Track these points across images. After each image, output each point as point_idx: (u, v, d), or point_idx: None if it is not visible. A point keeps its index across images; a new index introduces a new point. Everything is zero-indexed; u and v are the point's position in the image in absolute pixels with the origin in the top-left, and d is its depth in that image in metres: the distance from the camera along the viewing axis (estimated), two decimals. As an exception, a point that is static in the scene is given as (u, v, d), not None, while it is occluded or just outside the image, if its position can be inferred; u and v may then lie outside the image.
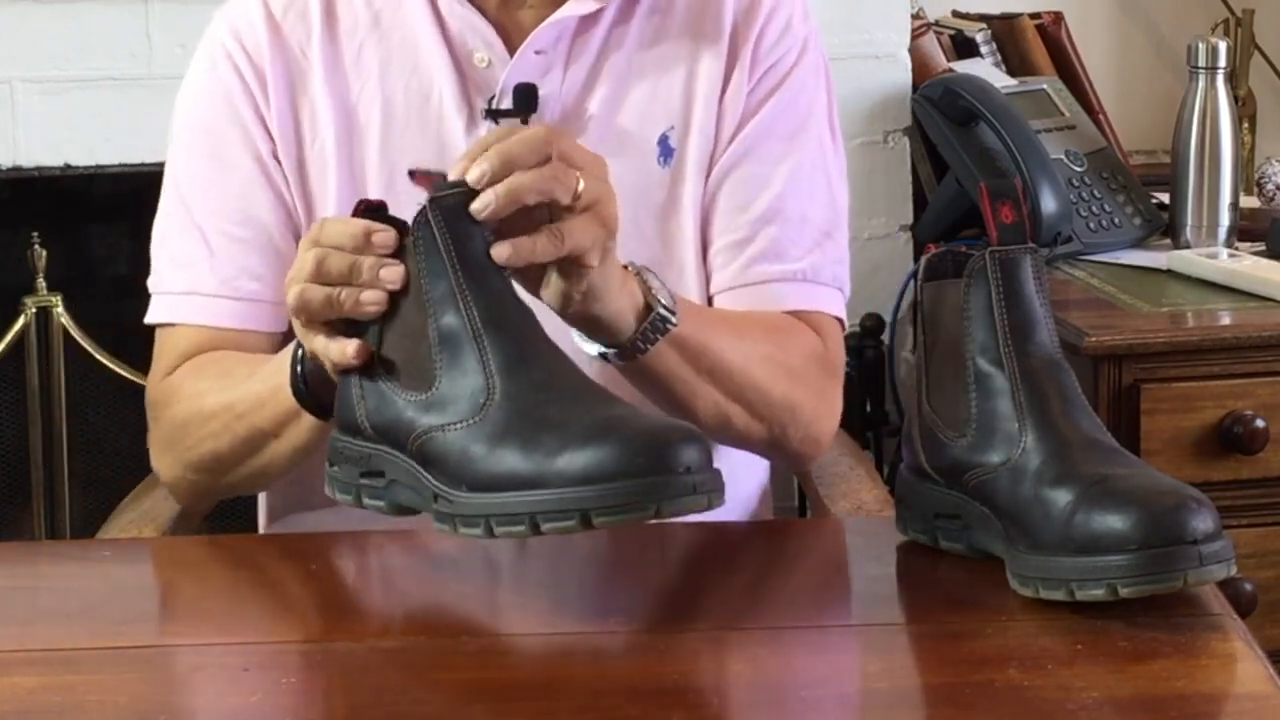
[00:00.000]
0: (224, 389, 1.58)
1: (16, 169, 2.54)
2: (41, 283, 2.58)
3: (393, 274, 1.33)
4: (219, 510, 1.78)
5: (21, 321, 2.59)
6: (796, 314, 1.65)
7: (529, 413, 1.26)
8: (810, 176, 1.68)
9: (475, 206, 1.32)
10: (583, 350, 1.47)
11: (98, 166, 2.54)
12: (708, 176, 1.67)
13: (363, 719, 1.18)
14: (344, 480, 1.36)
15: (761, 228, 1.66)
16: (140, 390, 2.58)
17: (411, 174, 1.37)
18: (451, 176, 1.34)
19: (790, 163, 1.67)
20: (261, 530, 1.79)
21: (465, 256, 1.31)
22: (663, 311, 1.47)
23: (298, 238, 1.65)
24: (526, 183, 1.33)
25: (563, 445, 1.23)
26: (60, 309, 2.58)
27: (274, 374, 1.51)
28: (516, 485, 1.24)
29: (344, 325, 1.36)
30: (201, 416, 1.60)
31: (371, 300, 1.34)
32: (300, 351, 1.46)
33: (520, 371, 1.28)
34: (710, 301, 1.66)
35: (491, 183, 1.33)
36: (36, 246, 2.58)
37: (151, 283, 1.71)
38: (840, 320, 1.69)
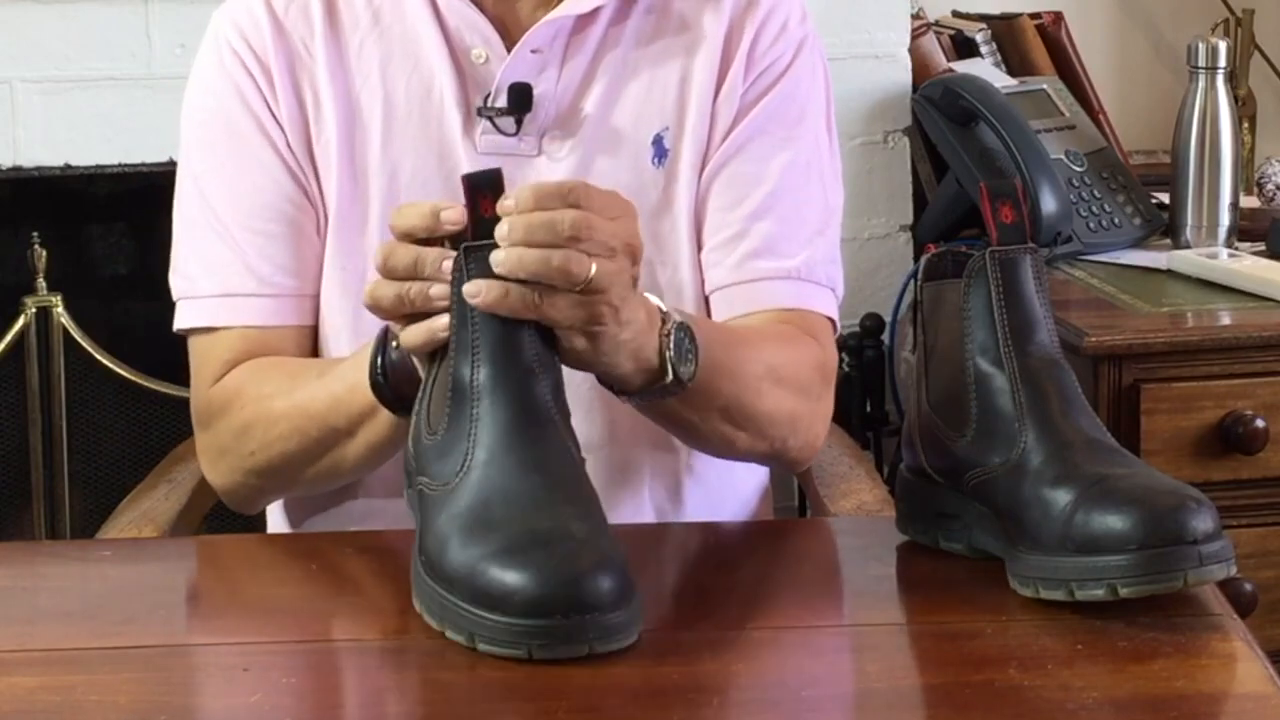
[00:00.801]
0: (293, 389, 1.57)
1: (16, 169, 2.54)
2: (41, 283, 2.58)
3: (453, 215, 1.32)
4: (219, 510, 1.78)
5: (21, 321, 2.59)
6: (790, 312, 1.65)
7: (483, 505, 1.24)
8: (804, 174, 1.68)
9: (492, 259, 1.30)
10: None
11: (98, 166, 2.54)
12: (701, 175, 1.67)
13: (362, 719, 1.18)
14: None
15: (754, 223, 1.65)
16: (141, 390, 2.61)
17: (464, 179, 1.33)
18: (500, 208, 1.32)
19: (783, 160, 1.67)
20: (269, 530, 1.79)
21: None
22: (671, 382, 1.44)
23: (320, 226, 1.66)
24: (529, 264, 1.30)
25: (491, 553, 1.20)
26: (60, 309, 2.59)
27: (352, 370, 1.50)
28: (458, 582, 1.21)
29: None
30: (269, 419, 1.58)
31: (441, 295, 1.32)
32: (383, 344, 1.45)
33: (501, 452, 1.25)
34: (706, 301, 1.66)
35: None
36: (36, 246, 2.58)
37: (180, 288, 1.68)
38: (833, 320, 1.69)
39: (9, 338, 2.59)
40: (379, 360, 1.45)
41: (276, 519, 1.76)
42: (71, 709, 1.17)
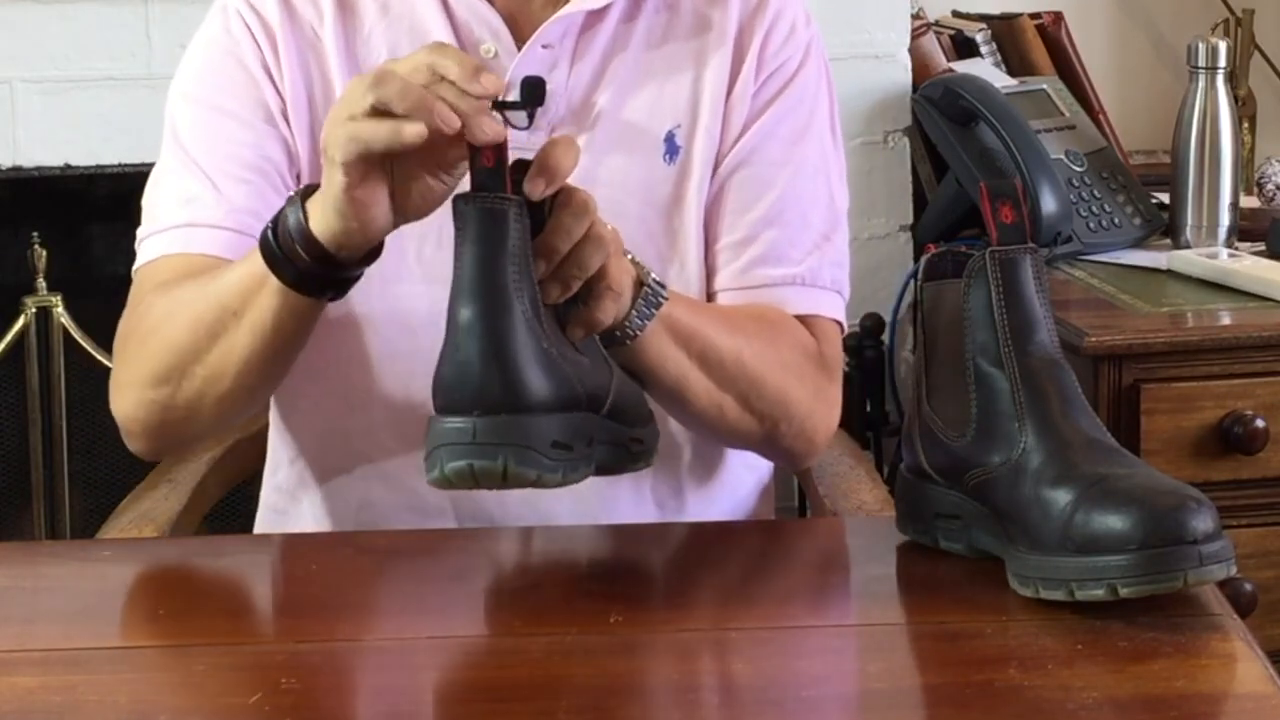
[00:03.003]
0: (205, 283, 1.53)
1: (16, 169, 2.54)
2: (41, 283, 2.58)
3: (493, 82, 1.34)
4: (219, 510, 1.78)
5: (21, 321, 2.59)
6: (796, 319, 1.66)
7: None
8: (812, 180, 1.69)
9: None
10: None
11: (98, 166, 2.55)
12: (714, 175, 1.67)
13: (363, 719, 1.18)
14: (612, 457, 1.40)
15: (762, 230, 1.66)
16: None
17: (496, 105, 1.34)
18: (526, 186, 1.33)
19: (792, 166, 1.68)
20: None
21: (488, 255, 1.30)
22: (654, 285, 1.47)
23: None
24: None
25: None
26: (60, 309, 2.59)
27: (256, 251, 1.47)
28: None
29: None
30: (170, 315, 1.54)
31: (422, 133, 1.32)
32: (284, 208, 1.43)
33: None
34: (711, 299, 1.67)
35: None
36: (36, 246, 2.58)
37: (143, 230, 1.65)
38: (839, 323, 1.69)
39: (9, 338, 2.59)
40: (276, 222, 1.43)
41: (275, 519, 1.76)
42: (71, 709, 1.17)
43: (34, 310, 2.58)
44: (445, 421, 1.26)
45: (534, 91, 1.61)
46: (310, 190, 1.44)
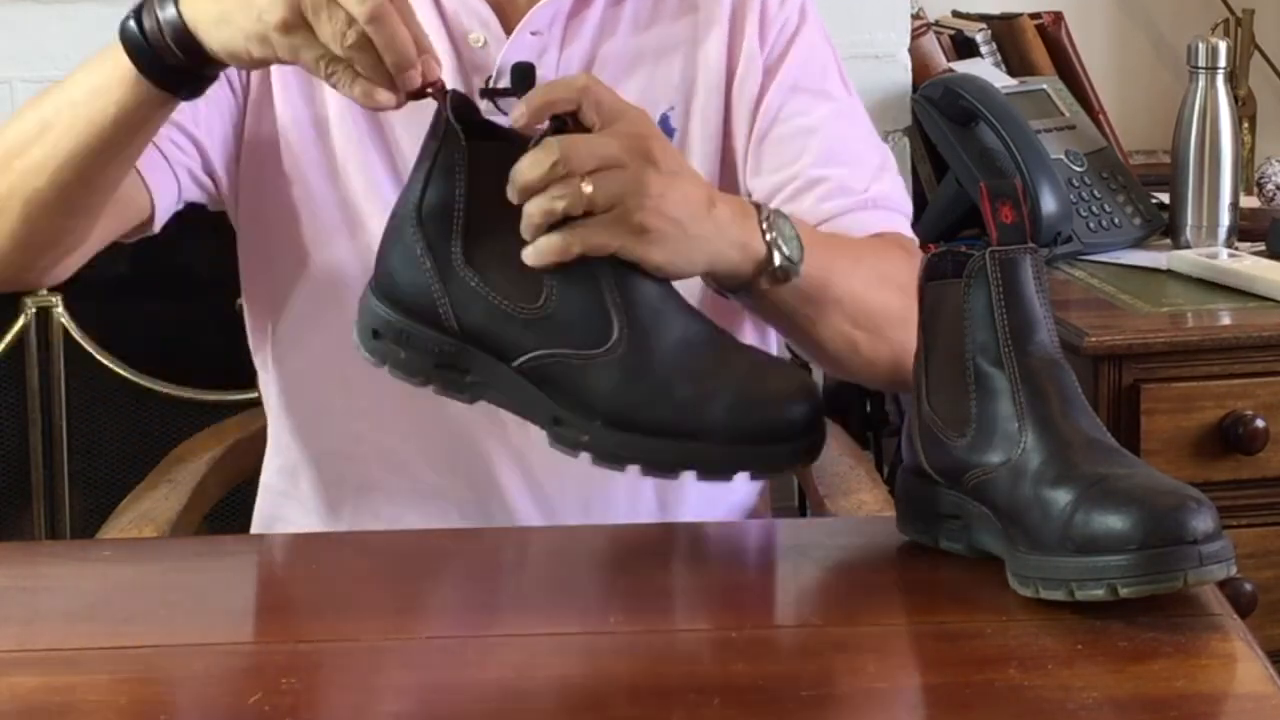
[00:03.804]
0: (52, 87, 1.50)
1: (16, 169, 2.54)
2: (41, 283, 2.58)
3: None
4: (219, 510, 1.78)
5: (21, 321, 2.59)
6: (879, 236, 1.64)
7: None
8: (850, 120, 1.70)
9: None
10: None
11: (98, 166, 2.54)
12: (722, 155, 1.66)
13: (363, 719, 1.18)
14: (415, 365, 1.35)
15: (820, 171, 1.65)
16: (141, 390, 2.61)
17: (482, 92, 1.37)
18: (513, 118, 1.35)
19: (826, 110, 1.68)
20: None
21: (475, 189, 1.32)
22: (782, 263, 1.42)
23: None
24: (531, 211, 1.32)
25: (704, 399, 1.29)
26: (60, 309, 2.59)
27: (106, 50, 1.45)
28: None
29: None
30: (16, 115, 1.52)
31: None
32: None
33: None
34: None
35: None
36: (36, 246, 2.58)
37: None
38: (914, 239, 1.68)
39: (9, 338, 2.59)
40: (140, 14, 1.42)
41: (274, 501, 1.76)
42: (71, 709, 1.17)
43: (34, 310, 2.58)
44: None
45: (524, 78, 1.61)
46: None
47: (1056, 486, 1.27)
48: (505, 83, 1.63)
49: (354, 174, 1.65)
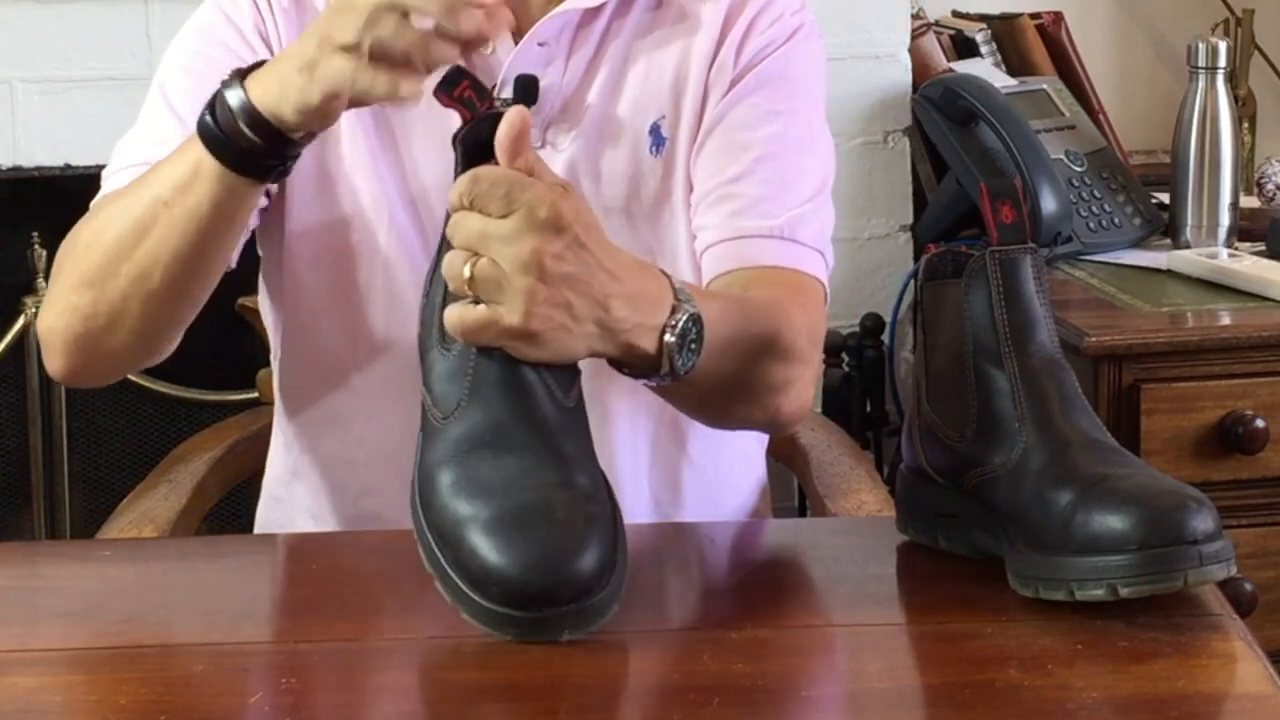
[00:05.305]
0: (134, 184, 1.51)
1: (16, 169, 2.54)
2: (41, 283, 2.58)
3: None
4: (219, 510, 1.78)
5: (21, 321, 2.59)
6: (780, 270, 1.61)
7: (474, 455, 1.27)
8: (795, 147, 1.66)
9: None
10: None
11: (98, 166, 2.52)
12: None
13: (363, 719, 1.18)
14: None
15: (739, 185, 1.63)
16: (141, 390, 2.61)
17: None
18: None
19: (772, 130, 1.65)
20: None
21: None
22: (668, 372, 1.37)
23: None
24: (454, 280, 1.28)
25: (477, 522, 1.24)
26: (60, 309, 2.58)
27: (191, 141, 1.46)
28: (446, 537, 1.26)
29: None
30: (104, 223, 1.52)
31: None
32: (220, 91, 1.44)
33: (496, 401, 1.28)
34: (699, 269, 1.65)
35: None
36: (36, 246, 2.58)
37: (108, 168, 1.63)
38: (822, 283, 1.64)
39: (9, 338, 2.59)
40: (213, 106, 1.44)
41: (275, 506, 1.76)
42: (71, 709, 1.17)
43: (34, 310, 2.58)
44: None
45: (528, 90, 1.62)
46: (246, 71, 1.44)
47: (1057, 486, 1.27)
48: (508, 93, 1.63)
49: (361, 184, 1.65)
